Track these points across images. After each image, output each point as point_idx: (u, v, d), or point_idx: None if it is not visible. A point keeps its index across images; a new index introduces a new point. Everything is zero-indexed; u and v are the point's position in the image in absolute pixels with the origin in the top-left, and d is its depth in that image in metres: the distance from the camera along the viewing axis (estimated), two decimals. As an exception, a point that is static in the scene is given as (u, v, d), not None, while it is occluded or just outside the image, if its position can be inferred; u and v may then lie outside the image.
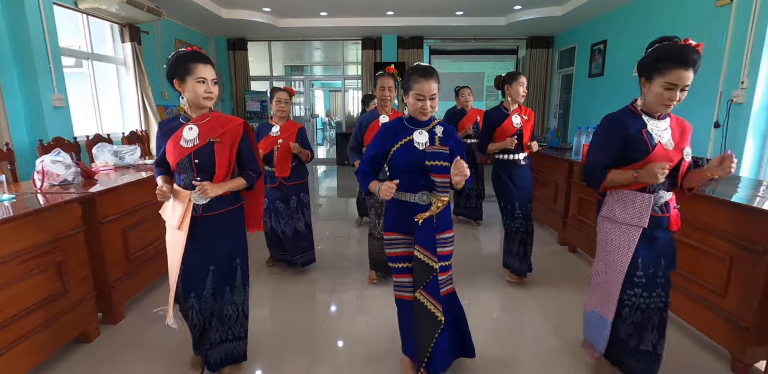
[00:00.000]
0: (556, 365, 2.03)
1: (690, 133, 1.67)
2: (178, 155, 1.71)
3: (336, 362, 2.06)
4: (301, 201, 3.11)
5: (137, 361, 2.06)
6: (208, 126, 1.73)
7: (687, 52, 1.49)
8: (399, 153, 1.75)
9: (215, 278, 1.80)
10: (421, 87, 1.68)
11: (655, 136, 1.62)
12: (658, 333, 1.72)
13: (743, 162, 3.72)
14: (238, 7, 6.51)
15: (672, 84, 1.52)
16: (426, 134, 1.76)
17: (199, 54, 1.73)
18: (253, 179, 1.86)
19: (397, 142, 1.76)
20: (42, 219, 1.89)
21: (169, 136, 1.74)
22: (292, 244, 3.05)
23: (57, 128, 3.89)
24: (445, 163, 1.70)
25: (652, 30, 5.10)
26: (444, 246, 1.79)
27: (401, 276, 1.81)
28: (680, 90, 1.53)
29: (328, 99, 16.41)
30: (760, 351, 1.89)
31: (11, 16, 3.60)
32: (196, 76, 1.67)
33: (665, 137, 1.63)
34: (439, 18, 7.25)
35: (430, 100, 1.71)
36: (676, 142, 1.63)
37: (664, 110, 1.62)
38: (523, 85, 2.78)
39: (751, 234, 1.86)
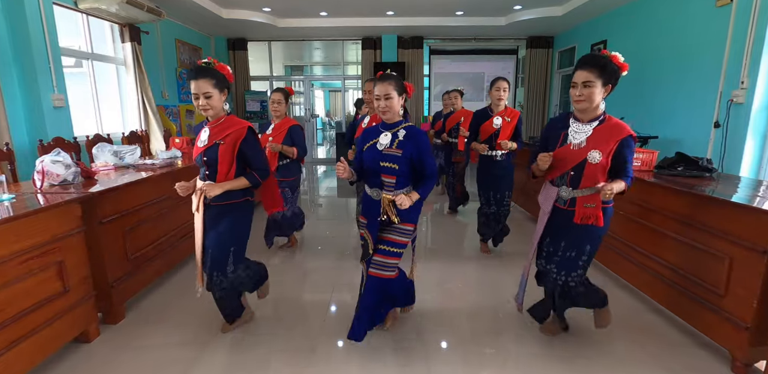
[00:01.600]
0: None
1: (617, 141, 1.85)
2: (195, 153, 2.07)
3: (336, 362, 2.06)
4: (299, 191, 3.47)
5: (137, 361, 2.06)
6: (217, 129, 2.02)
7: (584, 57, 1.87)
8: (366, 152, 2.05)
9: (211, 260, 2.07)
10: (376, 88, 1.97)
11: (570, 137, 1.95)
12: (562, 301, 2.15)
13: (743, 162, 3.72)
14: (238, 7, 6.51)
15: (573, 82, 1.87)
16: (390, 136, 2.01)
17: (193, 69, 1.98)
18: (257, 179, 2.06)
19: (368, 142, 2.06)
20: (42, 219, 1.88)
21: (196, 137, 2.10)
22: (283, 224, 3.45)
23: (57, 128, 3.89)
24: (394, 165, 1.97)
25: (652, 30, 5.10)
26: (399, 234, 2.07)
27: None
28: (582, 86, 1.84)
29: (328, 99, 16.41)
30: (760, 351, 1.89)
31: (11, 16, 3.61)
32: (192, 92, 1.96)
33: (578, 139, 1.92)
34: (439, 18, 7.25)
35: (384, 100, 1.96)
36: (590, 145, 1.88)
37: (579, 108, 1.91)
38: (500, 90, 3.15)
39: (751, 234, 1.86)
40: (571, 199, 1.97)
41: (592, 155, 1.87)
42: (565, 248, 2.03)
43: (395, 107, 1.98)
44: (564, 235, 2.03)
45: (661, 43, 4.92)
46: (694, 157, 2.66)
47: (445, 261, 3.41)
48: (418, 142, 1.98)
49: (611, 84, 1.86)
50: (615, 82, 1.86)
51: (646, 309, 2.58)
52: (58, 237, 1.97)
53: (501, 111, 3.20)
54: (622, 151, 1.86)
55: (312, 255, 3.54)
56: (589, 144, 1.89)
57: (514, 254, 3.51)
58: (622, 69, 1.86)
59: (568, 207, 1.98)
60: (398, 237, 2.07)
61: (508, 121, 3.18)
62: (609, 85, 1.86)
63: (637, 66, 5.32)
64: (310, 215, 4.97)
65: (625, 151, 1.87)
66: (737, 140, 3.75)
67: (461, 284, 3.00)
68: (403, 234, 2.07)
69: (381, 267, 2.08)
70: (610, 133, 1.87)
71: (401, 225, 2.05)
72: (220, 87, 1.96)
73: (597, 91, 1.83)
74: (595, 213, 1.92)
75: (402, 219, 2.03)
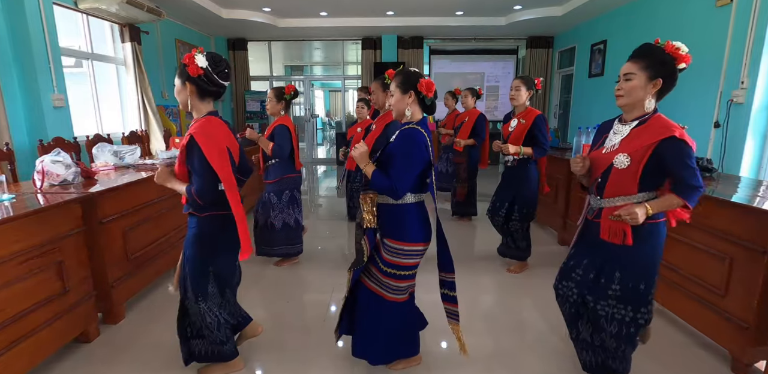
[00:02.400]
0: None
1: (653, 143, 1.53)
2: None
3: (336, 362, 2.06)
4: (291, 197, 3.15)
5: (137, 361, 2.06)
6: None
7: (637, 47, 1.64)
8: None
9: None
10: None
11: (608, 140, 1.69)
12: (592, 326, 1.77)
13: (743, 162, 3.72)
14: (238, 7, 6.51)
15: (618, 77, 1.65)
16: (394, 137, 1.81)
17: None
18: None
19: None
20: (42, 219, 1.88)
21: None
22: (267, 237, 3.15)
23: (57, 128, 3.89)
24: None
25: (652, 30, 5.10)
26: (385, 251, 1.77)
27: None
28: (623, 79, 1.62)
29: (328, 99, 16.42)
30: (760, 351, 1.89)
31: (11, 16, 3.60)
32: None
33: (613, 141, 1.66)
34: (439, 18, 7.25)
35: (390, 97, 1.82)
36: (621, 148, 1.61)
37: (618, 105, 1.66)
38: (512, 89, 2.95)
39: (751, 235, 1.86)
40: (599, 210, 1.68)
41: (618, 159, 1.59)
42: (587, 267, 1.72)
43: (396, 106, 1.80)
44: (589, 252, 1.74)
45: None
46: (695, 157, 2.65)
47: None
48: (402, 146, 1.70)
49: (662, 78, 1.56)
50: (669, 76, 1.57)
51: (646, 309, 2.58)
52: (58, 237, 1.97)
53: (520, 112, 2.96)
54: (664, 155, 1.52)
55: (312, 255, 3.54)
56: (620, 146, 1.62)
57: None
58: (678, 61, 1.56)
59: (595, 219, 1.70)
60: (390, 257, 1.77)
61: (522, 123, 2.91)
62: (658, 79, 1.56)
63: (637, 66, 5.33)
64: (310, 215, 4.98)
65: (668, 156, 1.51)
66: (737, 140, 3.75)
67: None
68: (389, 251, 1.76)
69: (369, 276, 1.86)
70: (649, 134, 1.56)
71: (386, 240, 1.77)
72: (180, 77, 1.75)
73: (639, 85, 1.58)
74: (622, 228, 1.58)
75: (382, 233, 1.79)
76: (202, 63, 1.67)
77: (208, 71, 1.68)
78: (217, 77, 1.72)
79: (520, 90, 2.90)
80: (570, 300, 1.78)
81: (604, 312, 1.68)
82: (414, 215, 1.76)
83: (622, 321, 1.65)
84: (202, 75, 1.68)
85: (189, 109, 1.79)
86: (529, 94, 2.94)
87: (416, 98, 1.77)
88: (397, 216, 1.76)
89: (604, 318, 1.68)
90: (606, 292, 1.66)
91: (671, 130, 1.52)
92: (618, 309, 1.66)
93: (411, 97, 1.76)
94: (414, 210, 1.76)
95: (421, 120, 1.80)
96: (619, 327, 1.67)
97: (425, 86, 1.75)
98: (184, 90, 1.75)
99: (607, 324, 1.68)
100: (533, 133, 2.87)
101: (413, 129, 1.73)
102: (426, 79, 1.76)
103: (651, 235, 1.61)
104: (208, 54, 1.71)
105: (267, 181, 3.11)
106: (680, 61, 1.57)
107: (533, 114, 2.91)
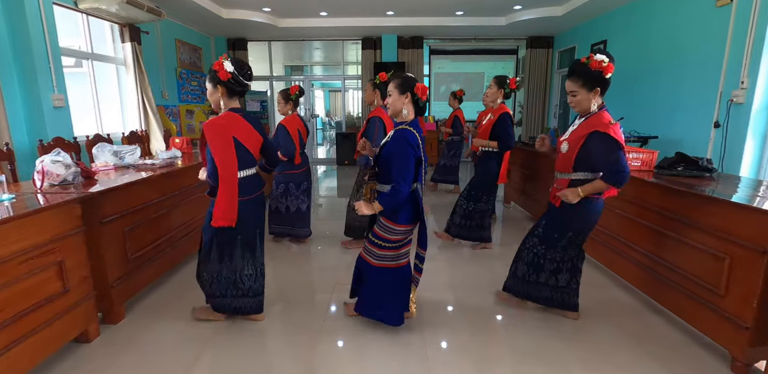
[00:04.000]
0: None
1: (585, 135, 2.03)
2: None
3: (337, 361, 2.06)
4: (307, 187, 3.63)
5: (137, 361, 2.06)
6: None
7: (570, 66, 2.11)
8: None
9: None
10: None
11: (569, 129, 2.19)
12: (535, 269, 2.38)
13: (743, 162, 3.72)
14: (238, 7, 6.51)
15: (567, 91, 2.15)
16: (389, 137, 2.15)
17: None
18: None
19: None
20: (42, 219, 1.88)
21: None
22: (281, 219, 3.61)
23: (57, 128, 3.89)
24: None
25: (652, 30, 5.10)
26: (380, 227, 2.15)
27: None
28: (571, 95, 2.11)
29: (328, 99, 16.42)
30: (760, 351, 1.89)
31: (11, 16, 3.61)
32: None
33: (569, 131, 2.18)
34: (439, 18, 7.25)
35: (389, 97, 2.11)
36: (567, 137, 2.14)
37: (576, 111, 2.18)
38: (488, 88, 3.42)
39: (751, 235, 1.86)
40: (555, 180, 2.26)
41: (563, 145, 2.16)
42: (546, 226, 2.30)
43: (393, 104, 2.09)
44: (546, 214, 2.33)
45: (661, 43, 4.92)
46: (694, 157, 2.66)
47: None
48: (395, 145, 2.02)
49: (598, 87, 2.00)
50: (602, 83, 2.00)
51: (646, 309, 2.58)
52: (58, 237, 1.97)
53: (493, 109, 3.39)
54: (587, 144, 2.02)
55: (312, 255, 3.54)
56: (569, 136, 2.14)
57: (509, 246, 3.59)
58: (605, 72, 1.96)
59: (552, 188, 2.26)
60: (379, 231, 2.16)
61: (491, 118, 3.32)
62: (596, 88, 2.01)
63: (637, 66, 5.33)
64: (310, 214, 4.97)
65: (590, 144, 2.01)
66: (737, 140, 3.75)
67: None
68: (383, 228, 2.14)
69: (365, 249, 2.27)
70: (584, 128, 2.05)
71: (381, 218, 2.14)
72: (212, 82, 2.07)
73: (583, 98, 2.04)
74: (557, 194, 2.18)
75: (381, 213, 2.13)
76: (229, 68, 1.99)
77: (235, 74, 2.01)
78: (243, 79, 2.05)
79: (492, 88, 3.33)
80: (534, 251, 2.36)
81: (550, 256, 2.31)
82: (408, 201, 2.08)
83: (553, 260, 2.31)
84: (231, 78, 2.01)
85: (221, 108, 2.09)
86: (500, 92, 3.31)
87: (411, 99, 2.07)
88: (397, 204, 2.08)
89: (549, 261, 2.32)
90: (534, 232, 2.36)
91: (598, 126, 1.99)
92: (556, 253, 2.29)
93: (407, 98, 2.06)
94: (407, 197, 2.06)
95: (413, 120, 2.09)
96: (532, 259, 2.37)
97: (420, 90, 2.05)
98: (216, 92, 2.06)
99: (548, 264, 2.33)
100: (497, 129, 3.25)
101: (405, 130, 2.05)
102: (421, 85, 2.07)
103: (579, 205, 2.13)
104: (233, 59, 2.02)
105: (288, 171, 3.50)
106: (606, 72, 1.97)
107: (500, 111, 3.29)
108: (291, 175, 3.53)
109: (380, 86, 3.24)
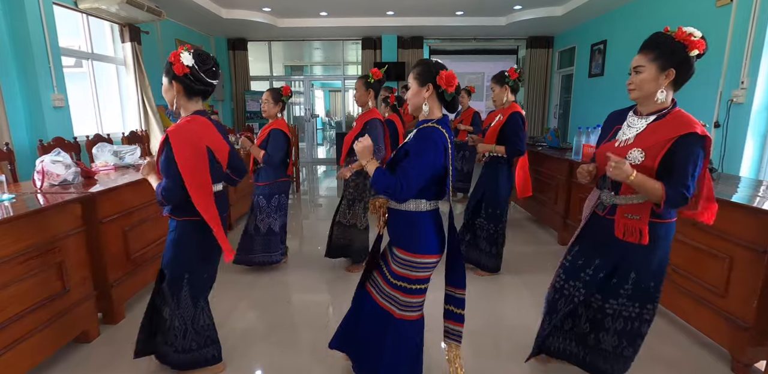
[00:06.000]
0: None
1: (671, 139, 1.45)
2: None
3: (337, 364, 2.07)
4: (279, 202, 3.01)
5: (137, 361, 2.06)
6: None
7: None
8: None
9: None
10: None
11: (621, 133, 1.60)
12: (590, 326, 1.74)
13: (743, 162, 3.72)
14: (238, 7, 6.51)
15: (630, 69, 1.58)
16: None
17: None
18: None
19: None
20: (42, 219, 1.88)
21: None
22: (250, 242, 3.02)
23: (57, 128, 3.89)
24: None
25: (652, 30, 5.03)
26: (396, 263, 1.62)
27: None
28: (633, 72, 1.56)
29: (328, 99, 16.42)
30: (760, 351, 1.89)
31: (11, 16, 3.60)
32: None
33: (627, 135, 1.58)
34: (439, 18, 7.24)
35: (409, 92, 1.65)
36: (636, 143, 1.53)
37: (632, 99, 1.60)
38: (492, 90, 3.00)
39: (751, 235, 1.86)
40: (611, 206, 1.61)
41: (632, 154, 1.50)
42: (599, 267, 1.65)
43: (412, 100, 1.61)
44: (599, 251, 1.66)
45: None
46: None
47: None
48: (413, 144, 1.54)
49: (674, 68, 1.48)
50: (681, 65, 1.49)
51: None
52: (58, 237, 1.97)
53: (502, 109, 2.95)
54: (675, 151, 1.44)
55: (311, 256, 3.54)
56: (635, 141, 1.53)
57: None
58: (689, 47, 1.48)
59: (607, 215, 1.62)
60: (397, 267, 1.62)
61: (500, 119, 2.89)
62: (670, 70, 1.49)
63: (637, 66, 5.33)
64: (310, 214, 4.97)
65: (680, 152, 1.43)
66: (737, 140, 3.75)
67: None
68: (398, 262, 1.61)
69: (375, 286, 1.72)
70: (667, 129, 1.47)
71: (395, 249, 1.62)
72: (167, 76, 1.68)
73: (649, 78, 1.51)
74: (639, 227, 1.52)
75: (391, 242, 1.66)
76: (188, 61, 1.60)
77: (195, 69, 1.61)
78: (204, 75, 1.64)
79: (494, 89, 2.93)
80: (575, 300, 1.72)
81: (612, 311, 1.66)
82: (428, 224, 1.59)
83: (628, 317, 1.64)
84: (189, 73, 1.61)
85: (176, 109, 1.73)
86: (504, 89, 2.87)
87: (435, 92, 1.57)
88: (409, 224, 1.59)
89: (611, 316, 1.67)
90: (618, 292, 1.63)
91: (692, 126, 1.44)
92: (626, 307, 1.64)
93: (429, 91, 1.56)
94: (428, 219, 1.60)
95: (441, 118, 1.60)
96: (624, 324, 1.66)
97: (445, 79, 1.53)
98: (171, 89, 1.68)
99: (611, 322, 1.67)
100: (506, 131, 2.81)
101: (432, 127, 1.54)
102: (447, 71, 1.55)
103: (667, 234, 1.58)
104: (195, 52, 1.63)
105: (258, 183, 3.00)
106: (692, 48, 1.48)
107: (510, 111, 2.85)
108: (285, 184, 3.05)
109: (374, 85, 2.82)
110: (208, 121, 1.74)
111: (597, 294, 1.69)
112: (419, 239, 1.58)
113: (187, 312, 1.79)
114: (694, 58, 1.49)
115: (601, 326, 1.71)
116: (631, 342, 1.67)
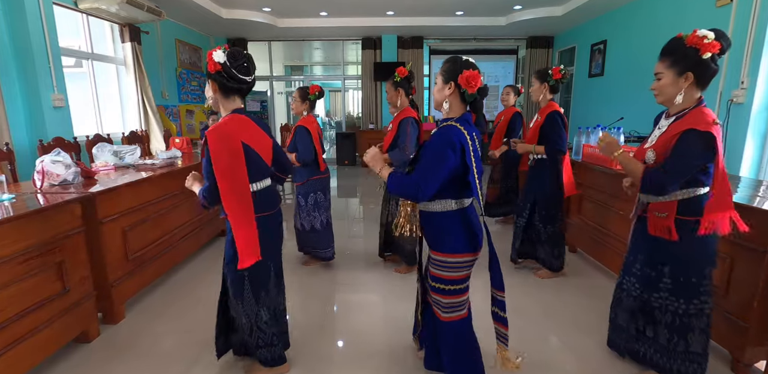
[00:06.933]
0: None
1: (675, 135, 1.56)
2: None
3: (337, 364, 2.06)
4: (316, 200, 3.08)
5: (137, 361, 2.06)
6: None
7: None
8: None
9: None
10: None
11: (653, 135, 1.73)
12: (645, 319, 1.83)
13: (743, 162, 3.72)
14: (238, 7, 6.51)
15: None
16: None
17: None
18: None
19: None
20: (42, 219, 1.88)
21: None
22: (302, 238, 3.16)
23: (57, 128, 3.89)
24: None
25: (652, 30, 5.10)
26: (432, 265, 1.62)
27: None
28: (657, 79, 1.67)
29: (328, 99, 16.41)
30: (760, 351, 1.89)
31: (11, 16, 3.61)
32: None
33: (654, 135, 1.72)
34: (439, 18, 7.25)
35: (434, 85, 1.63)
36: (655, 144, 1.66)
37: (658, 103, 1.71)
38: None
39: (751, 234, 1.86)
40: (646, 205, 1.73)
41: (648, 155, 1.64)
42: (643, 262, 1.78)
43: (436, 95, 1.59)
44: (642, 246, 1.78)
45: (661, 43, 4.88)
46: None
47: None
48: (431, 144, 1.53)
49: (692, 71, 1.56)
50: (698, 68, 1.56)
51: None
52: (58, 237, 1.97)
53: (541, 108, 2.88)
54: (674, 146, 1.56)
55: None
56: (656, 142, 1.65)
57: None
58: (702, 51, 1.53)
59: (643, 213, 1.76)
60: (434, 269, 1.61)
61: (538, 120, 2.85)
62: (688, 73, 1.57)
63: (637, 66, 5.33)
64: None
65: (675, 146, 1.55)
66: (737, 140, 3.75)
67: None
68: (433, 264, 1.61)
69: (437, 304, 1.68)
70: (677, 128, 1.57)
71: (433, 252, 1.61)
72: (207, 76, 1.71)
73: (669, 83, 1.62)
74: (666, 224, 1.63)
75: (429, 246, 1.64)
76: (219, 58, 1.61)
77: (226, 66, 1.62)
78: (236, 72, 1.64)
79: (534, 84, 2.83)
80: (633, 294, 1.82)
81: (658, 304, 1.75)
82: (456, 223, 1.57)
83: (675, 312, 1.71)
84: (221, 70, 1.63)
85: (218, 108, 1.76)
86: (544, 87, 2.79)
87: (457, 91, 1.54)
88: (437, 224, 1.59)
89: (658, 309, 1.76)
90: (657, 285, 1.73)
91: (696, 123, 1.54)
92: (671, 301, 1.72)
93: (451, 89, 1.54)
94: (456, 218, 1.57)
95: (461, 116, 1.56)
96: (672, 318, 1.73)
97: (466, 79, 1.49)
98: (210, 88, 1.72)
99: (661, 315, 1.75)
100: (545, 130, 2.76)
101: (449, 126, 1.53)
102: (470, 71, 1.50)
103: (687, 230, 1.63)
104: (230, 49, 1.65)
105: (296, 183, 3.12)
106: (705, 51, 1.53)
107: (548, 110, 2.79)
108: (319, 181, 3.07)
109: (401, 83, 2.86)
110: (247, 118, 1.75)
111: (645, 288, 1.80)
112: (448, 238, 1.58)
113: (251, 309, 1.81)
114: (711, 59, 1.55)
115: (652, 319, 1.80)
116: (681, 336, 1.72)
